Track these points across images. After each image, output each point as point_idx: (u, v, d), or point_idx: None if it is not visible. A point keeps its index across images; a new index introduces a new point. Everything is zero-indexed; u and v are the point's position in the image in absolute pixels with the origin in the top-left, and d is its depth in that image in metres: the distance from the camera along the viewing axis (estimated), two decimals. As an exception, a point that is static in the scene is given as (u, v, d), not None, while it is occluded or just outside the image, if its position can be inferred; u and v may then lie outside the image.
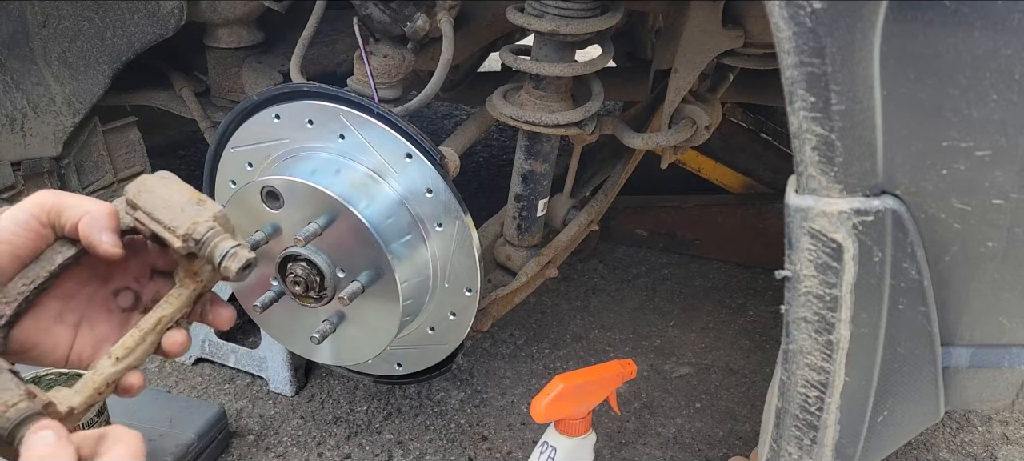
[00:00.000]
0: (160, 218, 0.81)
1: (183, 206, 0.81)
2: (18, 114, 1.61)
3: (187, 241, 0.80)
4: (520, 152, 1.52)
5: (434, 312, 1.41)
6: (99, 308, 0.87)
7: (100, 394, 0.78)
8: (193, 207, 0.82)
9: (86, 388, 0.77)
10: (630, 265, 2.65)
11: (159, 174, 0.84)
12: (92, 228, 0.79)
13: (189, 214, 0.81)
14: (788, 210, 0.89)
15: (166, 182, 0.83)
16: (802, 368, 0.97)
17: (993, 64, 0.80)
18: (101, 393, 0.78)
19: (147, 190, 0.82)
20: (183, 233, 0.80)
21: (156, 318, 0.83)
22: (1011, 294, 0.95)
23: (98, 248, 0.79)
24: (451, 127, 3.54)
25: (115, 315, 0.89)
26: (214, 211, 0.82)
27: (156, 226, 0.81)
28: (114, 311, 0.89)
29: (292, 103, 1.33)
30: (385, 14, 1.35)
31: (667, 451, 1.89)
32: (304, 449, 1.87)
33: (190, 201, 0.82)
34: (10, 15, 1.55)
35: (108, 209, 0.81)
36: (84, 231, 0.79)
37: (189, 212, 0.81)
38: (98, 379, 0.78)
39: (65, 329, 0.85)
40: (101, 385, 0.78)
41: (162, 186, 0.83)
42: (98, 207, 0.80)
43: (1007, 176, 0.86)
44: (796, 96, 0.82)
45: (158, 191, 0.82)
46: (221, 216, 0.83)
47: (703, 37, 1.44)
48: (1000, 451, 1.92)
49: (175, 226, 0.80)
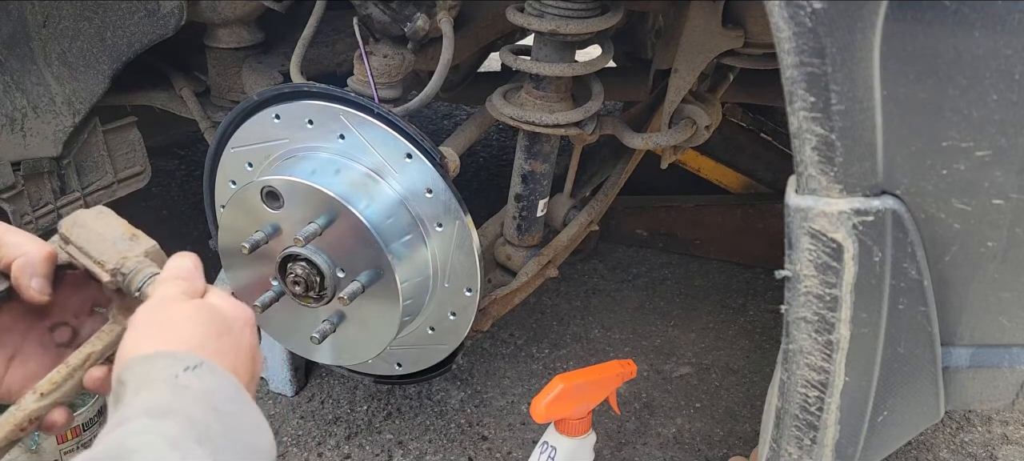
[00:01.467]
0: (90, 252, 0.80)
1: (115, 240, 0.80)
2: (18, 114, 1.61)
3: (115, 275, 0.79)
4: (520, 152, 1.52)
5: (434, 312, 1.41)
6: (34, 343, 0.86)
7: (22, 430, 0.76)
8: (125, 242, 0.81)
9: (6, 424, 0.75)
10: (630, 265, 2.65)
11: (96, 209, 0.83)
12: (23, 271, 0.79)
13: (120, 249, 0.80)
14: (788, 210, 0.89)
15: (101, 217, 0.82)
16: (802, 368, 0.97)
17: (993, 64, 0.80)
18: (23, 429, 0.76)
19: (80, 225, 0.81)
20: (111, 267, 0.79)
21: (84, 355, 0.80)
22: (1011, 294, 0.95)
23: (24, 292, 0.79)
24: (451, 127, 3.53)
25: (49, 351, 0.87)
26: (147, 246, 0.81)
27: (86, 261, 0.80)
28: (49, 347, 0.88)
29: (292, 103, 1.33)
30: (385, 14, 1.35)
31: (667, 451, 1.89)
32: (304, 449, 1.87)
33: (123, 236, 0.81)
34: (10, 15, 1.55)
35: (44, 253, 0.80)
36: (15, 273, 0.79)
37: (120, 247, 0.80)
38: (20, 415, 0.76)
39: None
40: (23, 421, 0.76)
41: (96, 221, 0.82)
42: (35, 249, 0.80)
43: (1007, 176, 0.86)
44: (796, 96, 0.82)
45: (91, 226, 0.81)
46: (153, 251, 0.81)
47: (703, 37, 1.44)
48: (1000, 451, 1.92)
49: (104, 260, 0.79)
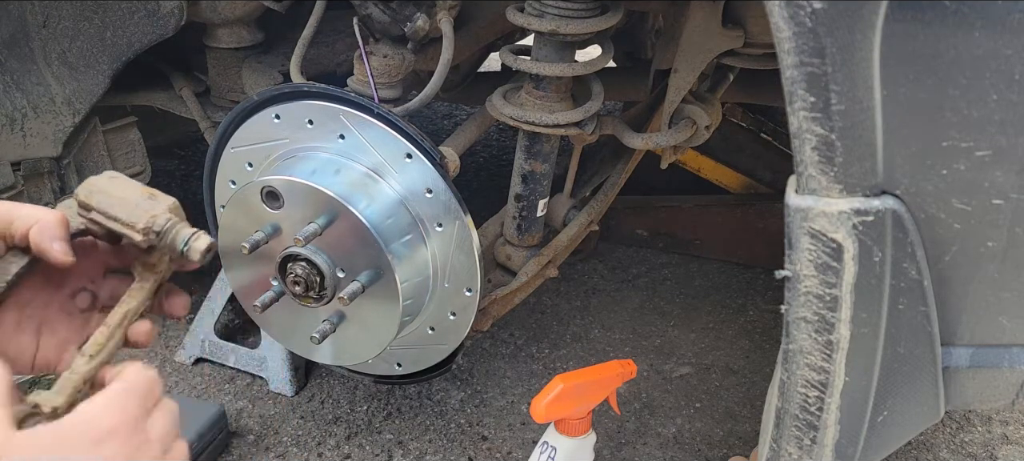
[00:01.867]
0: (117, 216, 0.82)
1: (137, 202, 0.83)
2: (18, 114, 1.61)
3: (148, 234, 0.82)
4: (520, 152, 1.52)
5: (434, 312, 1.41)
6: (57, 312, 0.88)
7: (79, 392, 0.79)
8: (147, 202, 0.83)
9: (66, 388, 0.78)
10: (630, 265, 2.65)
11: (107, 174, 0.85)
12: (43, 237, 0.80)
13: (145, 208, 0.82)
14: (788, 210, 0.89)
15: (116, 181, 0.84)
16: (802, 368, 0.97)
17: (993, 64, 0.80)
18: (80, 391, 0.79)
19: (99, 190, 0.83)
20: (143, 227, 0.81)
21: (122, 313, 0.84)
22: (1011, 294, 0.95)
23: (50, 256, 0.80)
24: (451, 127, 3.54)
25: (75, 317, 0.90)
26: (168, 203, 0.84)
27: (114, 224, 0.82)
28: (73, 314, 0.90)
29: (292, 103, 1.33)
30: (385, 14, 1.35)
31: (667, 451, 1.89)
32: (304, 449, 1.87)
33: (143, 196, 0.84)
34: (10, 15, 1.55)
35: (58, 217, 0.82)
36: (35, 240, 0.80)
37: (144, 207, 0.82)
38: (76, 377, 0.79)
39: (27, 337, 0.86)
40: (79, 383, 0.79)
41: (112, 185, 0.84)
42: (48, 215, 0.81)
43: (1007, 176, 0.86)
44: (796, 96, 0.82)
45: (110, 190, 0.83)
46: (175, 207, 0.84)
47: (703, 37, 1.44)
48: (1000, 451, 1.92)
49: (134, 221, 0.81)
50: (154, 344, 2.17)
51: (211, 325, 2.07)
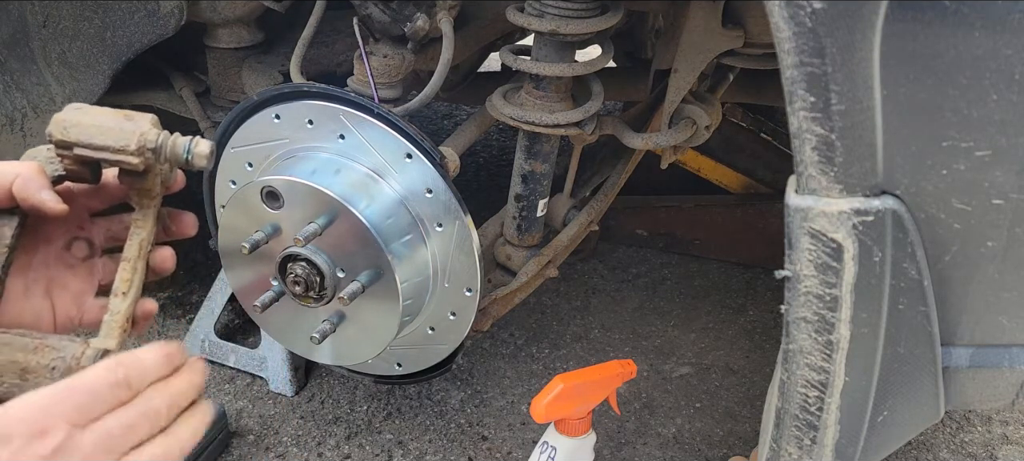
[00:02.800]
0: (105, 144, 0.76)
1: (118, 125, 0.77)
2: (18, 114, 1.61)
3: (143, 154, 0.76)
4: (520, 152, 1.52)
5: (434, 312, 1.41)
6: (60, 267, 0.86)
7: (126, 332, 0.79)
8: (128, 123, 0.77)
9: (114, 330, 0.78)
10: (630, 265, 2.65)
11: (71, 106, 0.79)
12: (29, 189, 0.76)
13: (130, 129, 0.77)
14: (788, 210, 0.89)
15: (84, 110, 0.79)
16: (802, 368, 0.97)
17: (993, 64, 0.80)
18: (126, 330, 0.78)
19: (73, 124, 0.77)
20: (136, 147, 0.76)
21: (136, 245, 0.81)
22: (1011, 294, 0.95)
23: (43, 208, 0.77)
24: (451, 127, 3.53)
25: (78, 268, 0.87)
26: (149, 118, 0.79)
27: (102, 154, 0.76)
28: (75, 265, 0.87)
29: (292, 103, 1.32)
30: (385, 14, 1.35)
31: (667, 451, 1.89)
32: (304, 449, 1.87)
33: (120, 119, 0.78)
34: (10, 15, 1.55)
35: (35, 167, 0.78)
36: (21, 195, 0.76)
37: (128, 128, 0.77)
38: (119, 318, 0.78)
39: (38, 300, 0.84)
40: (123, 322, 0.78)
41: (85, 115, 0.78)
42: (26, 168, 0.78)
43: (1007, 176, 0.86)
44: (796, 96, 0.82)
45: (84, 121, 0.77)
46: (156, 121, 0.79)
47: (703, 37, 1.44)
48: (1000, 451, 1.92)
49: (124, 144, 0.76)
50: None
51: (211, 325, 2.07)
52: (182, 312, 2.31)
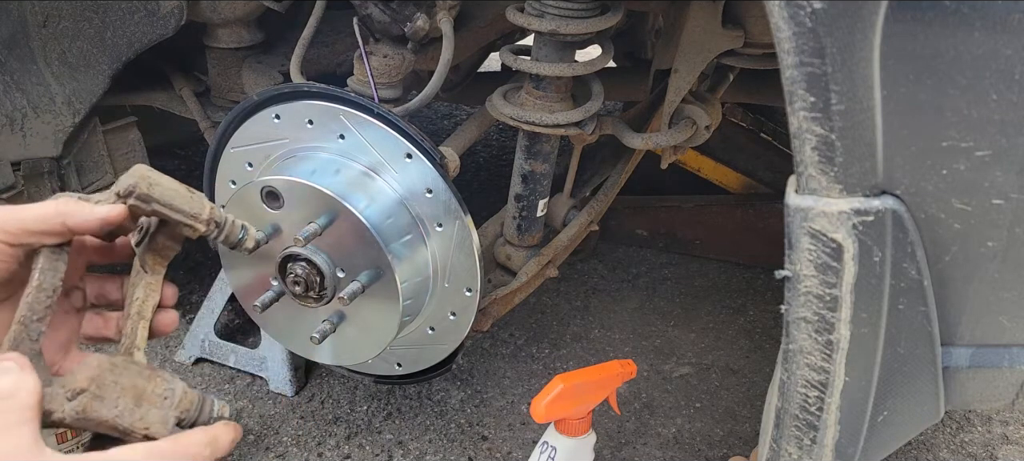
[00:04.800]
0: (180, 207, 0.86)
1: (188, 195, 0.88)
2: (18, 114, 1.61)
3: (210, 225, 0.89)
4: (520, 152, 1.52)
5: (434, 312, 1.41)
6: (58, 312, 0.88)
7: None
8: (195, 195, 0.89)
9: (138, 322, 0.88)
10: (630, 265, 2.65)
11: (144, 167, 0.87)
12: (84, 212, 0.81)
13: (198, 201, 0.89)
14: (788, 210, 0.89)
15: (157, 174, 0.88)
16: (802, 368, 0.97)
17: (993, 64, 0.80)
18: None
19: (156, 183, 0.86)
20: (206, 218, 0.88)
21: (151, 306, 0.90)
22: (1011, 294, 0.95)
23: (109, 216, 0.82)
24: (451, 127, 3.54)
25: (71, 316, 0.91)
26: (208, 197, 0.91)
27: (176, 215, 0.86)
28: (70, 313, 0.90)
29: (292, 103, 1.33)
30: (385, 14, 1.35)
31: (667, 451, 1.89)
32: (304, 449, 1.87)
33: (187, 189, 0.89)
34: (10, 15, 1.55)
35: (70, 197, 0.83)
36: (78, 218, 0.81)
37: (197, 199, 0.89)
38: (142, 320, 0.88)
39: None
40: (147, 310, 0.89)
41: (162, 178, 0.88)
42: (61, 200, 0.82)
43: (1007, 176, 0.86)
44: (796, 96, 0.82)
45: (164, 182, 0.87)
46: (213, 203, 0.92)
47: (703, 37, 1.44)
48: (1000, 451, 1.92)
49: (197, 212, 0.88)
50: (154, 343, 2.17)
51: (211, 325, 2.07)
52: (182, 312, 2.32)
